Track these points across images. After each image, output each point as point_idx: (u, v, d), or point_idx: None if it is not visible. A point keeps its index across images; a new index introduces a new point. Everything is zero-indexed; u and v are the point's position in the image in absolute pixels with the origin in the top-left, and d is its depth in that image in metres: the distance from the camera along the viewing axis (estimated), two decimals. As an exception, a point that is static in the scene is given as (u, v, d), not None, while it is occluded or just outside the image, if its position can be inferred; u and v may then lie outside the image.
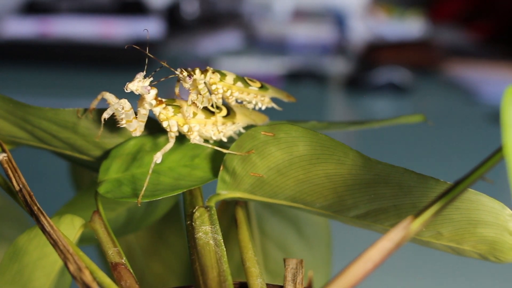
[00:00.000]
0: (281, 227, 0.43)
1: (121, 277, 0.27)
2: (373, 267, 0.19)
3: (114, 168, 0.34)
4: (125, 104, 0.32)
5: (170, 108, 0.33)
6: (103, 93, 0.33)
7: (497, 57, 1.76)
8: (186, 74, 0.33)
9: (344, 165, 0.29)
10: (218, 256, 0.26)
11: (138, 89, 0.32)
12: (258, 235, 0.43)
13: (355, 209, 0.30)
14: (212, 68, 0.34)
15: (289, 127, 0.30)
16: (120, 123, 0.32)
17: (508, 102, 0.17)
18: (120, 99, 0.32)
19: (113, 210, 0.41)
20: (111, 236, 0.30)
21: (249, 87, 0.36)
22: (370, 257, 0.19)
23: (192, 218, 0.29)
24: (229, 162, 0.32)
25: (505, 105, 0.16)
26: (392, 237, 0.20)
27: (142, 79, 0.32)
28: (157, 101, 0.32)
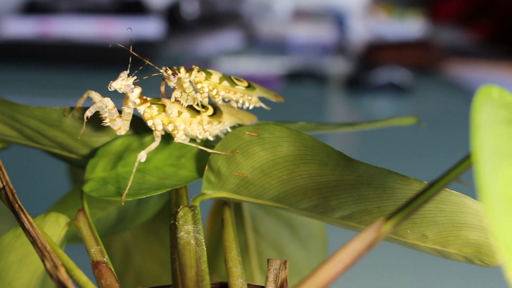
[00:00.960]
0: (276, 227, 0.43)
1: (102, 275, 0.27)
2: (344, 268, 0.19)
3: (100, 167, 0.34)
4: (108, 103, 0.32)
5: (154, 107, 0.33)
6: (89, 91, 0.33)
7: (497, 57, 1.75)
8: (171, 72, 0.33)
9: (327, 166, 0.29)
10: (198, 256, 0.26)
11: (122, 88, 0.32)
12: (253, 235, 0.43)
13: (340, 210, 0.30)
14: (197, 67, 0.34)
15: (273, 127, 0.30)
16: (104, 121, 0.32)
17: (481, 102, 0.17)
18: (103, 98, 0.32)
19: (103, 209, 0.41)
20: (95, 235, 0.30)
21: (235, 86, 0.36)
22: (340, 259, 0.19)
23: (176, 217, 0.29)
24: (214, 161, 0.32)
25: (477, 105, 0.16)
26: (363, 239, 0.20)
27: (125, 77, 0.32)
28: (141, 99, 0.32)
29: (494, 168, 0.15)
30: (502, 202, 0.15)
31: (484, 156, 0.15)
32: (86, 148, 0.36)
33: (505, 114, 0.17)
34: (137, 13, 1.65)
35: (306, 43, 1.81)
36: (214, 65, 1.54)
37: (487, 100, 0.17)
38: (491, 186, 0.15)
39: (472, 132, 0.16)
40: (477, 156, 0.15)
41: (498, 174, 0.15)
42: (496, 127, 0.16)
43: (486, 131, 0.16)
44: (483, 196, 0.15)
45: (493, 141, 0.15)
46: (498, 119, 0.17)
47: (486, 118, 0.16)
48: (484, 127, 0.16)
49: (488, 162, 0.15)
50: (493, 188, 0.15)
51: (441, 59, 1.67)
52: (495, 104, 0.17)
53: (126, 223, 0.43)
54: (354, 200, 0.29)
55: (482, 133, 0.15)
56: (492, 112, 0.17)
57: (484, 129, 0.16)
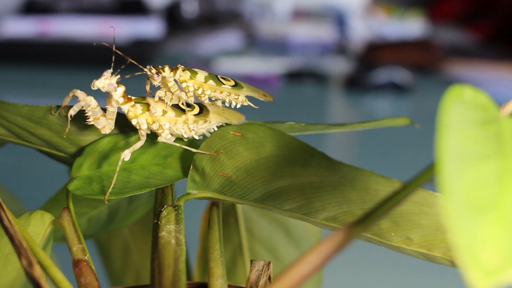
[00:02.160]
0: (270, 229, 0.43)
1: (82, 273, 0.27)
2: (312, 270, 0.19)
3: (86, 165, 0.34)
4: (91, 102, 0.32)
5: (138, 106, 0.33)
6: (74, 90, 0.33)
7: (498, 57, 1.75)
8: (155, 71, 0.33)
9: (310, 167, 0.29)
10: (177, 255, 0.26)
11: (105, 87, 0.32)
12: (246, 236, 0.43)
13: (324, 212, 0.30)
14: (182, 66, 0.34)
15: (257, 128, 0.30)
16: (88, 120, 0.32)
17: (452, 103, 0.16)
18: (87, 96, 0.32)
19: (94, 208, 0.41)
20: (78, 233, 0.30)
21: (221, 85, 0.36)
22: (309, 260, 0.19)
23: (159, 216, 0.29)
24: (198, 161, 0.32)
25: (446, 105, 0.16)
26: (332, 241, 0.19)
27: (109, 76, 0.32)
28: (125, 98, 0.32)
29: (459, 169, 0.15)
30: (465, 205, 0.14)
31: (450, 157, 0.15)
32: (74, 146, 0.36)
33: (477, 115, 0.17)
34: (137, 13, 1.65)
35: (306, 42, 1.81)
36: (214, 65, 1.55)
37: (458, 101, 0.17)
38: (455, 188, 0.15)
39: (438, 132, 0.16)
40: (442, 157, 0.15)
41: (464, 175, 0.15)
42: (465, 128, 0.16)
43: (454, 132, 0.15)
44: (445, 197, 0.14)
45: (460, 142, 0.15)
46: (468, 120, 0.16)
47: (456, 119, 0.16)
48: (452, 128, 0.16)
49: (453, 163, 0.15)
50: (457, 189, 0.15)
51: (441, 59, 1.67)
52: (467, 104, 0.17)
53: (118, 221, 0.43)
54: (338, 202, 0.29)
55: (450, 134, 0.15)
56: (463, 112, 0.17)
57: (452, 130, 0.15)
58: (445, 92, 0.17)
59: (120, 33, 1.58)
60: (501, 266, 0.14)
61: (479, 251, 0.14)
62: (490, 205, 0.15)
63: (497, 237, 0.14)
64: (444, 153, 0.15)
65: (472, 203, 0.15)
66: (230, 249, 0.43)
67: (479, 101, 0.18)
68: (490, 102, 0.19)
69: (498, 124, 0.18)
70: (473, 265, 0.14)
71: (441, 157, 0.15)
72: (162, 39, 1.65)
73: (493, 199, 0.15)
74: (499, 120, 0.18)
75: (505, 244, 0.14)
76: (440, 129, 0.16)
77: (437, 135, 0.16)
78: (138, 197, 0.42)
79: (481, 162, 0.15)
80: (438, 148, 0.15)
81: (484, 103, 0.18)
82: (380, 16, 1.98)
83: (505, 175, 0.16)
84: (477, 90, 0.19)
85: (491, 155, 0.16)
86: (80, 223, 0.42)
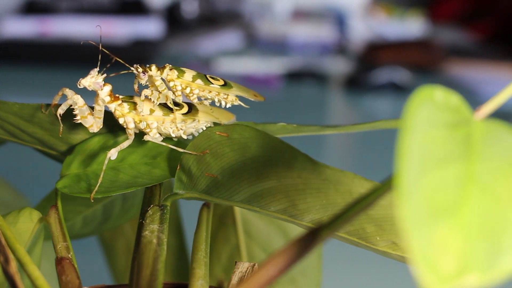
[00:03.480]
0: (268, 230, 0.43)
1: (63, 271, 0.27)
2: (278, 273, 0.19)
3: (76, 164, 0.34)
4: (78, 100, 0.32)
5: (125, 105, 0.33)
6: (63, 89, 0.33)
7: (497, 57, 1.75)
8: (141, 70, 0.33)
9: (293, 169, 0.29)
10: (156, 255, 0.26)
11: (91, 85, 0.32)
12: (244, 237, 0.43)
13: (309, 214, 0.30)
14: (170, 65, 0.34)
15: (243, 128, 0.30)
16: (75, 118, 0.33)
17: (418, 104, 0.16)
18: (74, 95, 0.32)
19: (89, 206, 0.42)
20: (63, 231, 0.31)
21: (210, 84, 0.36)
22: (275, 263, 0.19)
23: (145, 216, 0.30)
24: (185, 161, 0.32)
25: (412, 106, 0.16)
26: (298, 244, 0.19)
27: (95, 75, 0.32)
28: (112, 97, 0.32)
29: (420, 173, 0.15)
30: (423, 209, 0.14)
31: (410, 160, 0.14)
32: (65, 145, 0.36)
33: (447, 117, 0.17)
34: (137, 13, 1.65)
35: (306, 43, 1.81)
36: (214, 65, 1.55)
37: (426, 102, 0.17)
38: (413, 192, 0.14)
39: (400, 134, 0.15)
40: (401, 160, 0.14)
41: (424, 179, 0.15)
42: (431, 130, 0.16)
43: (418, 134, 0.15)
44: (401, 201, 0.14)
45: (424, 145, 0.15)
46: (436, 122, 0.16)
47: (421, 120, 0.16)
48: (416, 130, 0.15)
49: (414, 166, 0.15)
50: (415, 193, 0.14)
51: (441, 59, 1.67)
52: (437, 106, 0.17)
53: (113, 220, 0.43)
54: (323, 205, 0.29)
55: (413, 136, 0.15)
56: (430, 114, 0.16)
57: (416, 132, 0.15)
58: (415, 93, 0.17)
59: (120, 33, 1.58)
60: (459, 272, 0.14)
61: (435, 256, 0.14)
62: (450, 210, 0.15)
63: (455, 242, 0.14)
64: (404, 156, 0.15)
65: (431, 208, 0.14)
66: (228, 250, 0.43)
67: (451, 103, 0.18)
68: (463, 104, 0.19)
69: (469, 127, 0.17)
70: (428, 271, 0.13)
71: (401, 160, 0.15)
72: (162, 39, 1.65)
73: (454, 204, 0.15)
74: (471, 123, 0.18)
75: (463, 250, 0.14)
76: (402, 130, 0.15)
77: (398, 137, 0.15)
78: (132, 195, 0.42)
79: (444, 165, 0.15)
80: (399, 150, 0.15)
81: (456, 105, 0.18)
82: (380, 16, 1.98)
83: (468, 179, 0.15)
84: (449, 92, 0.19)
85: (457, 159, 0.16)
86: (75, 221, 0.42)
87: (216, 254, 0.43)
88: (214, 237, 0.43)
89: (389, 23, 1.94)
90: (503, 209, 0.15)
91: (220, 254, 0.43)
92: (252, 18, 1.94)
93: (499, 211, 0.15)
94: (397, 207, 0.14)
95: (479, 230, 0.14)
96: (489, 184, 0.15)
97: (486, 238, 0.14)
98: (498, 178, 0.15)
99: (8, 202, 0.49)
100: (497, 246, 0.14)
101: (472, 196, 0.15)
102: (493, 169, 0.16)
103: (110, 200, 0.42)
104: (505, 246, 0.15)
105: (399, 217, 0.14)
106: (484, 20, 2.05)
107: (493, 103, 0.20)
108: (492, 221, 0.15)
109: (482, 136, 0.17)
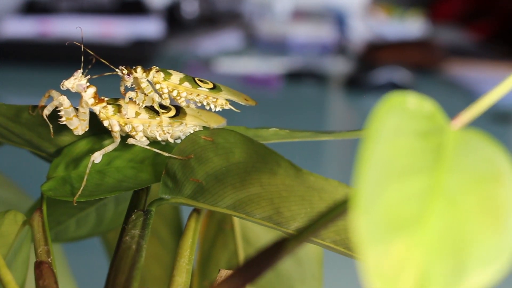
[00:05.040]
0: (266, 237, 0.42)
1: (41, 276, 0.27)
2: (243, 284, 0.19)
3: (62, 166, 0.34)
4: (64, 101, 0.32)
5: (110, 107, 0.32)
6: (50, 90, 0.33)
7: (497, 57, 1.74)
8: (126, 72, 0.32)
9: (277, 176, 0.28)
10: (133, 262, 0.26)
11: (74, 87, 0.31)
12: (242, 243, 0.42)
13: (295, 222, 0.29)
14: (156, 67, 0.34)
15: (227, 133, 0.29)
16: (60, 120, 0.32)
17: (386, 111, 0.16)
18: (60, 96, 0.32)
19: (82, 209, 0.41)
20: (46, 235, 0.30)
21: (198, 87, 0.35)
22: (240, 275, 0.19)
23: (128, 221, 0.29)
24: (170, 166, 0.31)
25: (378, 115, 0.15)
26: (262, 257, 0.19)
27: (79, 76, 0.31)
28: (96, 99, 0.32)
29: (380, 186, 0.14)
30: (383, 225, 0.14)
31: (372, 171, 0.14)
32: (54, 146, 0.36)
33: (418, 125, 0.16)
34: (137, 13, 1.65)
35: (306, 43, 1.81)
36: (214, 65, 1.55)
37: (395, 109, 0.16)
38: (372, 206, 0.14)
39: (362, 143, 0.15)
40: (362, 171, 0.14)
41: (386, 191, 0.14)
42: (398, 140, 0.15)
43: (383, 143, 0.15)
44: (359, 215, 0.13)
45: (388, 155, 0.15)
46: (406, 130, 0.16)
47: (388, 129, 0.15)
48: (381, 139, 0.15)
49: (375, 178, 0.14)
50: (374, 207, 0.14)
51: (441, 59, 1.67)
52: (408, 114, 0.16)
53: (107, 223, 0.43)
54: (307, 213, 0.28)
55: (377, 145, 0.14)
56: (400, 122, 0.16)
57: (381, 141, 0.15)
58: (383, 100, 0.17)
59: (120, 33, 1.58)
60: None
61: (392, 273, 0.13)
62: (411, 224, 0.14)
63: (415, 258, 0.14)
64: (364, 167, 0.14)
65: (389, 222, 0.14)
66: (226, 256, 0.43)
67: (424, 110, 0.18)
68: (438, 112, 0.19)
69: (442, 136, 0.17)
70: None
71: (361, 171, 0.14)
72: (162, 39, 1.65)
73: (415, 218, 0.14)
74: (444, 132, 0.17)
75: (424, 267, 0.14)
76: (366, 139, 0.15)
77: (360, 146, 0.15)
78: (125, 199, 0.42)
79: (409, 177, 0.15)
80: (359, 161, 0.14)
81: (429, 113, 0.18)
82: (380, 16, 1.97)
83: (434, 192, 0.15)
84: (424, 99, 0.18)
85: (423, 170, 0.15)
86: (69, 224, 0.42)
87: (214, 260, 0.43)
88: (212, 243, 0.43)
89: (389, 23, 1.94)
90: (469, 224, 0.14)
91: (218, 260, 0.43)
92: (252, 18, 1.94)
93: (465, 226, 0.14)
94: (353, 222, 0.13)
95: (441, 245, 0.14)
96: (456, 197, 0.15)
97: (450, 254, 0.14)
98: (466, 191, 0.15)
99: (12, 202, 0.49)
100: (461, 263, 0.14)
101: (436, 210, 0.15)
102: (462, 181, 0.15)
103: (103, 203, 0.42)
104: (470, 263, 0.14)
105: (355, 233, 0.13)
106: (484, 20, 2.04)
107: (471, 111, 0.19)
108: (456, 236, 0.14)
109: (455, 146, 0.17)
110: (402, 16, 1.93)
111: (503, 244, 0.15)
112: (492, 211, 0.15)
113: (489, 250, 0.14)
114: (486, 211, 0.15)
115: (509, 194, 0.16)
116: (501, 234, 0.14)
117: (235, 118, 0.38)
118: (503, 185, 0.16)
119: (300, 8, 2.00)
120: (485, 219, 0.15)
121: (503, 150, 0.17)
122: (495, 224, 0.15)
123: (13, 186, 0.50)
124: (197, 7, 1.86)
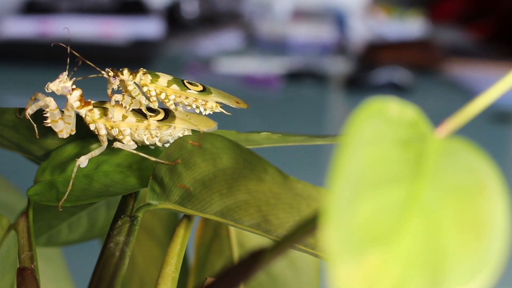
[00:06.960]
0: (261, 242, 0.41)
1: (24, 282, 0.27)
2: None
3: (49, 171, 0.33)
4: (50, 103, 0.31)
5: (96, 110, 0.32)
6: (36, 93, 0.32)
7: (497, 57, 1.74)
8: (112, 74, 0.32)
9: (264, 182, 0.27)
10: (116, 269, 0.25)
11: (59, 90, 0.30)
12: (237, 249, 0.42)
13: (283, 230, 0.29)
14: (144, 69, 0.33)
15: (215, 138, 0.29)
16: (45, 122, 0.31)
17: (364, 118, 0.15)
18: (46, 97, 0.31)
19: (73, 214, 0.41)
20: (30, 240, 0.30)
21: (186, 90, 0.34)
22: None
23: (113, 226, 0.29)
24: (158, 171, 0.31)
25: (355, 122, 0.15)
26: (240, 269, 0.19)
27: (64, 79, 0.31)
28: (82, 102, 0.31)
29: (353, 197, 0.13)
30: (355, 239, 0.13)
31: (345, 182, 0.13)
32: (42, 150, 0.35)
33: (399, 133, 0.16)
34: (137, 13, 1.65)
35: (306, 43, 1.80)
36: (214, 65, 1.54)
37: (374, 116, 0.16)
38: (344, 219, 0.13)
39: (336, 152, 0.14)
40: (334, 182, 0.13)
41: (359, 204, 0.14)
42: (376, 149, 0.14)
43: (359, 152, 0.14)
44: (329, 229, 0.13)
45: (364, 164, 0.14)
46: (385, 138, 0.15)
47: (365, 137, 0.14)
48: (357, 147, 0.14)
49: (348, 189, 0.13)
50: (346, 220, 0.13)
51: (441, 59, 1.66)
52: (388, 121, 0.16)
53: (100, 227, 0.42)
54: (296, 221, 0.28)
55: (352, 154, 0.14)
56: (378, 130, 0.15)
57: (357, 150, 0.14)
58: (362, 107, 0.16)
59: (120, 33, 1.58)
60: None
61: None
62: (385, 238, 0.13)
63: (387, 273, 0.13)
64: (337, 178, 0.13)
65: (362, 236, 0.13)
66: (222, 262, 0.42)
67: (406, 118, 0.17)
68: (421, 119, 0.18)
69: (423, 145, 0.16)
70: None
71: (333, 182, 0.13)
72: (162, 39, 1.65)
73: (390, 232, 0.14)
74: (427, 141, 0.17)
75: (398, 282, 0.13)
76: (340, 147, 0.14)
77: (334, 156, 0.14)
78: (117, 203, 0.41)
79: (385, 188, 0.14)
80: (332, 172, 0.14)
81: (412, 120, 0.17)
82: (380, 16, 1.97)
83: (411, 204, 0.14)
84: (407, 105, 0.18)
85: (401, 181, 0.15)
86: (61, 228, 0.42)
87: (210, 266, 0.43)
88: (208, 248, 0.42)
89: (389, 23, 1.93)
90: (447, 238, 0.14)
91: (214, 266, 0.43)
92: (252, 18, 1.94)
93: (444, 240, 0.14)
94: (323, 233, 0.13)
95: (418, 260, 0.13)
96: (435, 210, 0.14)
97: (427, 270, 0.13)
98: (446, 204, 0.14)
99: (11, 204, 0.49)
100: (439, 279, 0.13)
101: (413, 223, 0.14)
102: (442, 193, 0.15)
103: (94, 208, 0.41)
104: (449, 279, 0.14)
105: (325, 247, 0.13)
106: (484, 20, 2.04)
107: (458, 119, 0.19)
108: (434, 251, 0.14)
109: (437, 156, 0.16)
110: (402, 16, 1.93)
111: (483, 260, 0.14)
112: (473, 225, 0.14)
113: (469, 266, 0.14)
114: (466, 225, 0.14)
115: (492, 208, 0.15)
116: (482, 249, 0.14)
117: (235, 118, 0.37)
118: (486, 198, 0.15)
119: (300, 8, 2.00)
120: (465, 233, 0.14)
121: (489, 160, 0.16)
122: (476, 239, 0.14)
123: (11, 187, 0.50)
124: (197, 7, 1.85)
